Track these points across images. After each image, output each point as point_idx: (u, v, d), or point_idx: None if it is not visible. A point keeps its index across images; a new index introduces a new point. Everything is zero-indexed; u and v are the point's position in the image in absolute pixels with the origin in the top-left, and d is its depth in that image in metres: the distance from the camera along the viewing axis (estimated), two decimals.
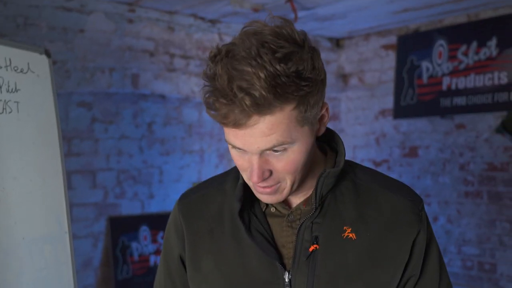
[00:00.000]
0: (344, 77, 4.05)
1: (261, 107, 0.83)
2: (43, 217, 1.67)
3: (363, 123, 3.92)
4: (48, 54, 1.76)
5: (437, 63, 3.45)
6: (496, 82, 3.16)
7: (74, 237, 2.93)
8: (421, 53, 3.52)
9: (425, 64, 3.51)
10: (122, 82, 3.00)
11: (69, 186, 2.92)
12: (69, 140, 2.92)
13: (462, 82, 3.32)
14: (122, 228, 3.11)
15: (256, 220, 0.99)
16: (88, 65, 2.84)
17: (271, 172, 0.91)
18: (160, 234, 3.25)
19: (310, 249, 0.95)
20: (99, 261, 3.04)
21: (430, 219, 3.48)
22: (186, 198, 1.09)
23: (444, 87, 3.40)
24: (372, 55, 3.86)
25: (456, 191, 3.39)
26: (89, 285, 2.99)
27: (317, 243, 0.96)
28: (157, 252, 3.19)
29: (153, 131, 3.28)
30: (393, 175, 3.51)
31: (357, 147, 3.94)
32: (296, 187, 0.96)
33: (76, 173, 2.95)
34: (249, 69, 0.83)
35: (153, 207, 3.26)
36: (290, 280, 0.96)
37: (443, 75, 3.41)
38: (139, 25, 3.02)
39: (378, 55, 3.82)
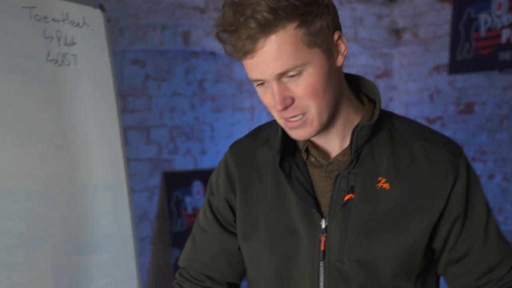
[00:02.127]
0: (397, 32, 3.94)
1: (263, 27, 0.88)
2: (102, 167, 1.74)
3: (417, 79, 3.83)
4: (102, 8, 1.80)
5: (496, 15, 3.30)
6: None
7: (131, 191, 3.05)
8: (479, 5, 3.38)
9: (483, 16, 3.36)
10: (173, 40, 3.03)
11: (125, 141, 3.02)
12: (124, 97, 3.00)
13: None
14: (176, 183, 3.20)
15: (296, 170, 1.04)
16: (141, 23, 2.89)
17: (293, 100, 0.94)
18: None
19: (345, 198, 1.00)
20: (155, 214, 3.16)
21: (485, 177, 3.41)
22: (237, 145, 1.15)
23: (503, 40, 3.26)
24: (426, 8, 3.73)
25: None
26: (146, 237, 3.12)
27: (352, 193, 1.00)
28: None
29: (204, 88, 3.32)
30: (448, 133, 3.43)
31: (409, 104, 3.86)
32: (328, 127, 1.00)
33: (132, 129, 3.04)
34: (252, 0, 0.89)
35: (205, 163, 3.33)
36: (326, 227, 1.01)
37: (503, 27, 3.26)
38: None
39: (433, 9, 3.69)
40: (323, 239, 1.00)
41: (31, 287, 1.44)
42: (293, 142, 1.05)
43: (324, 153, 1.05)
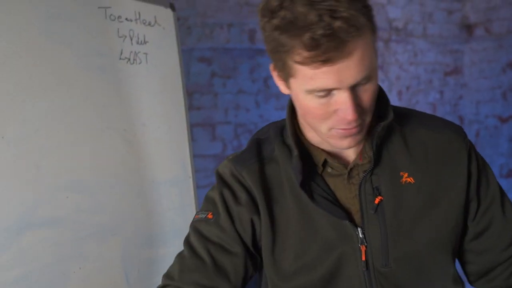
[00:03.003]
0: (468, 28, 3.80)
1: (354, 28, 0.80)
2: (169, 163, 1.78)
3: (489, 76, 3.68)
4: (173, 7, 1.85)
5: None
6: None
7: (196, 187, 3.11)
8: None
9: None
10: (239, 38, 3.07)
11: (192, 138, 3.08)
12: (190, 94, 3.06)
13: None
14: None
15: (316, 185, 0.98)
16: (208, 21, 2.94)
17: (361, 108, 0.89)
18: None
19: (376, 201, 0.97)
20: None
21: None
22: (244, 164, 1.03)
23: None
24: (501, 2, 3.57)
25: None
26: None
27: (380, 194, 0.97)
28: None
29: (269, 86, 3.34)
30: None
31: (480, 102, 3.72)
32: None
33: (197, 126, 3.10)
34: None
35: None
36: (364, 235, 0.97)
37: None
38: None
39: (508, 2, 3.53)
40: (363, 249, 0.97)
41: (102, 277, 1.50)
42: (306, 158, 1.00)
43: (340, 159, 1.00)
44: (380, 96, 0.97)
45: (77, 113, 1.47)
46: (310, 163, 0.99)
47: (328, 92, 0.86)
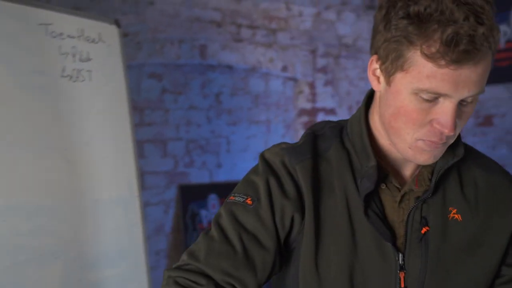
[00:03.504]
0: None
1: (492, 39, 0.79)
2: (114, 181, 1.75)
3: None
4: (118, 24, 1.82)
5: None
6: None
7: (146, 204, 3.06)
8: (498, 16, 3.34)
9: (502, 28, 3.32)
10: (190, 53, 3.05)
11: (141, 154, 3.04)
12: (141, 110, 3.03)
13: None
14: (191, 196, 3.20)
15: (372, 200, 0.95)
16: (159, 37, 2.91)
17: (456, 124, 0.85)
18: None
19: (423, 231, 0.94)
20: (170, 227, 3.16)
21: None
22: (300, 160, 0.96)
23: None
24: None
25: None
26: (161, 250, 3.12)
27: (427, 225, 0.95)
28: None
29: (221, 101, 3.33)
30: None
31: None
32: None
33: (148, 142, 3.06)
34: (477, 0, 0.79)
35: (221, 176, 3.33)
36: (404, 262, 0.94)
37: None
38: None
39: None
40: (402, 275, 0.94)
41: None
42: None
43: (397, 180, 0.97)
44: None
45: (15, 133, 1.42)
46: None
47: (436, 97, 0.83)
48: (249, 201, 0.95)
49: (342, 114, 3.67)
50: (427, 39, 0.79)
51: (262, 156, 1.00)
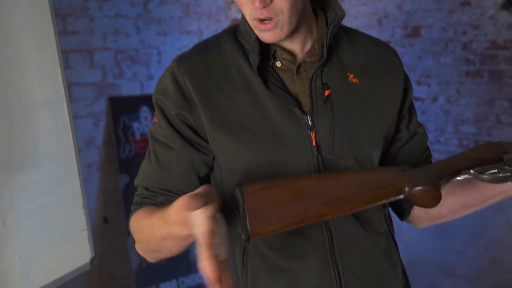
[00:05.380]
0: None
1: None
2: (39, 82, 1.67)
3: (366, 3, 3.80)
4: None
5: None
6: None
7: (75, 116, 2.97)
8: None
9: None
10: None
11: (67, 65, 2.90)
12: (63, 17, 2.86)
13: None
14: (122, 109, 3.13)
15: (269, 75, 1.05)
16: None
17: (271, 0, 0.97)
18: None
19: (326, 93, 1.05)
20: (102, 140, 3.10)
21: (429, 100, 3.49)
22: (186, 61, 1.08)
23: None
24: None
25: (457, 71, 3.36)
26: (93, 163, 3.08)
27: (329, 88, 1.06)
28: None
29: (149, 9, 3.20)
30: None
31: (359, 28, 3.85)
32: (292, 32, 1.04)
33: (73, 52, 2.93)
34: None
35: (153, 88, 3.25)
36: (312, 123, 1.04)
37: None
38: None
39: None
40: (312, 135, 1.04)
41: None
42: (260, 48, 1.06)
43: (290, 55, 1.07)
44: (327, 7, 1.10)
45: None
46: (262, 57, 1.05)
47: None
48: (155, 119, 1.09)
49: None
50: None
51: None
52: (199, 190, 0.87)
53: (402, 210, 1.21)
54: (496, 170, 0.93)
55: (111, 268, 3.12)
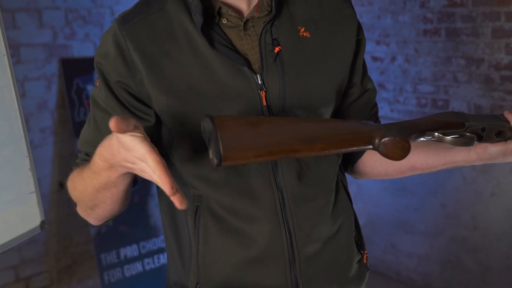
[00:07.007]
0: None
1: None
2: None
3: None
4: None
5: None
6: None
7: (25, 79, 2.86)
8: None
9: None
10: None
11: (14, 25, 2.78)
12: None
13: None
14: (75, 71, 3.03)
15: (215, 34, 1.00)
16: None
17: None
18: None
19: (276, 50, 1.01)
20: (55, 103, 3.01)
21: (388, 59, 3.49)
22: (128, 23, 1.01)
23: None
24: None
25: (415, 30, 3.37)
26: (46, 127, 2.98)
27: (279, 44, 1.02)
28: None
29: None
30: None
31: None
32: None
33: (20, 10, 2.80)
34: None
35: None
36: (262, 82, 1.00)
37: None
38: None
39: None
40: (263, 94, 1.00)
41: None
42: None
43: (235, 12, 1.02)
44: None
45: None
46: (206, 15, 0.99)
47: None
48: (97, 83, 1.05)
49: None
50: None
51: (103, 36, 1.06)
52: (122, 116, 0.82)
53: (346, 163, 1.21)
54: (457, 136, 0.97)
55: (69, 234, 3.08)
